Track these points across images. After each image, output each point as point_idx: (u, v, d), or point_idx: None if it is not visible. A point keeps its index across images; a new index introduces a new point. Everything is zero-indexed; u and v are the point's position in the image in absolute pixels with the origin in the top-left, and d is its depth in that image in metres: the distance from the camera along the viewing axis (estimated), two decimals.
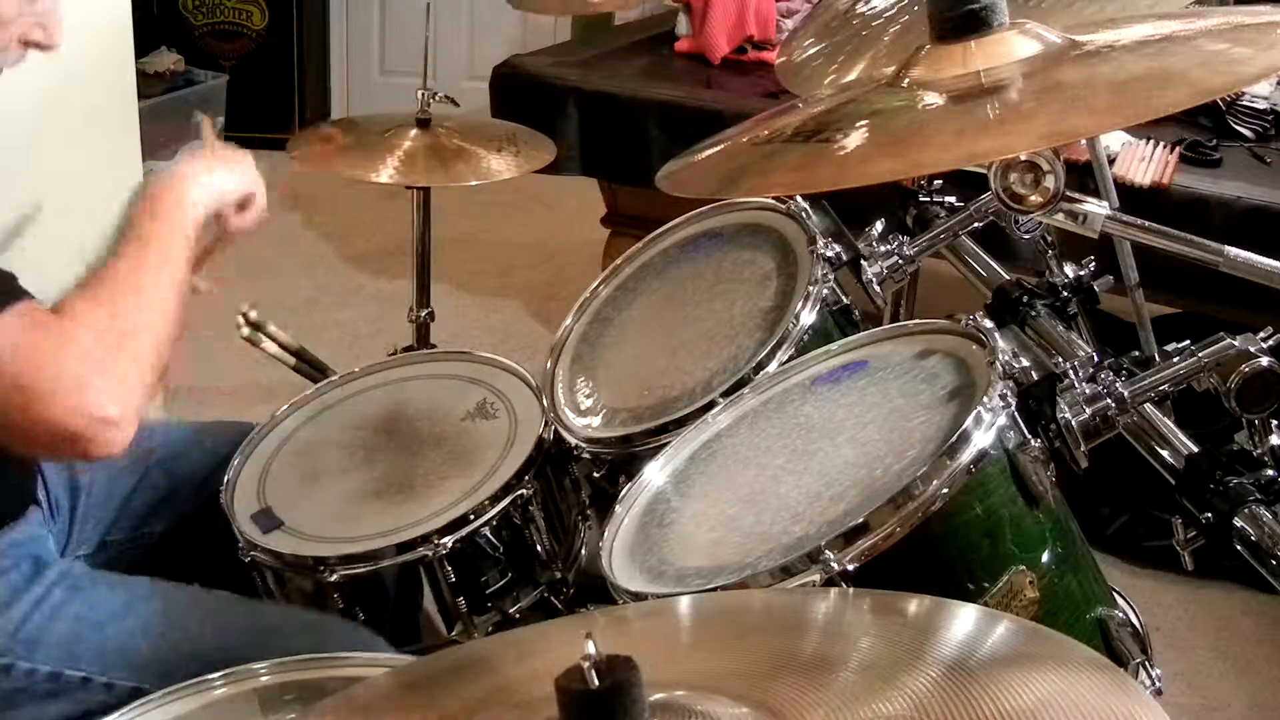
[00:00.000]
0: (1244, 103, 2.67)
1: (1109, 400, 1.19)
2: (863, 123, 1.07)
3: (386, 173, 2.25)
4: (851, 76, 1.47)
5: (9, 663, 1.30)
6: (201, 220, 1.35)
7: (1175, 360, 1.20)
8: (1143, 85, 0.97)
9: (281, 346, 1.82)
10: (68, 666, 1.30)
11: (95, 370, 1.12)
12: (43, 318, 1.13)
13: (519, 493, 1.52)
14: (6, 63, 1.28)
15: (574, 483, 1.63)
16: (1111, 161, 2.36)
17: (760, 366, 1.43)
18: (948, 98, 1.03)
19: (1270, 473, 1.13)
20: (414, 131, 2.32)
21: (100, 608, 1.35)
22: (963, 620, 0.85)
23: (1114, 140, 2.45)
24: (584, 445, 1.52)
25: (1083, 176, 2.12)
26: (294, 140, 2.43)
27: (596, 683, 0.67)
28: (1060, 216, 1.38)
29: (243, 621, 1.39)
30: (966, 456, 1.10)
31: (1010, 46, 1.03)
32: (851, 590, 1.06)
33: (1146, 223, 1.41)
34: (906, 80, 1.08)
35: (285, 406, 1.73)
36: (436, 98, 2.36)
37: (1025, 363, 1.22)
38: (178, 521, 1.59)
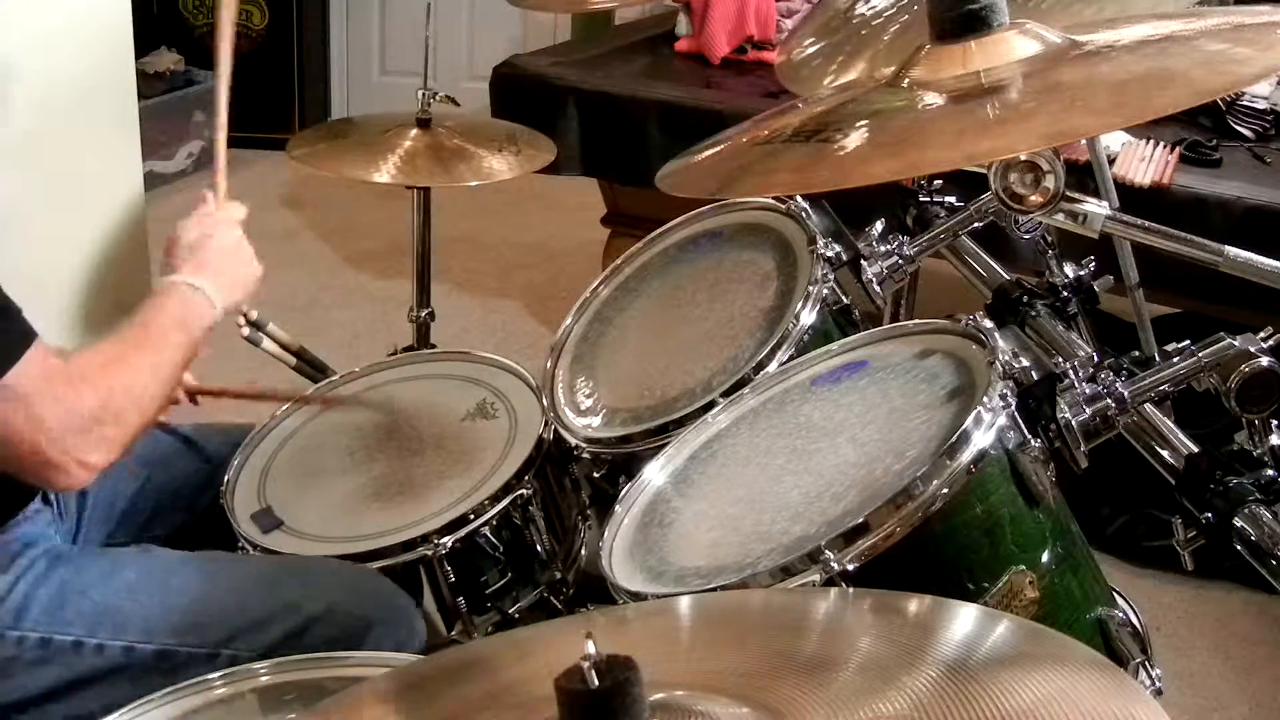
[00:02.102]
0: (1244, 103, 2.67)
1: (1109, 400, 1.19)
2: (863, 123, 1.07)
3: (387, 172, 2.25)
4: (851, 76, 1.47)
5: None
6: (209, 329, 1.44)
7: (1175, 360, 1.20)
8: (1143, 85, 0.97)
9: (281, 346, 1.81)
10: (56, 631, 1.31)
11: (96, 422, 1.26)
12: (57, 366, 1.25)
13: (519, 493, 1.52)
14: None
15: (574, 483, 1.63)
16: (1111, 161, 2.36)
17: (760, 366, 1.43)
18: (948, 98, 1.02)
19: (1270, 473, 1.13)
20: (414, 131, 2.32)
21: (85, 572, 1.36)
22: (963, 620, 0.85)
23: (1114, 140, 2.45)
24: (584, 445, 1.52)
25: (1083, 176, 2.12)
26: (294, 140, 2.43)
27: (596, 683, 0.67)
28: (1060, 216, 1.38)
29: (228, 572, 1.40)
30: (966, 456, 1.10)
31: (1010, 46, 1.03)
32: (851, 590, 1.06)
33: (1146, 223, 1.41)
34: (906, 80, 1.08)
35: (285, 406, 1.73)
36: (437, 98, 2.36)
37: (1025, 363, 1.22)
38: (179, 521, 1.60)
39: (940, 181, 1.76)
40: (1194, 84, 0.93)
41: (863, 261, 1.60)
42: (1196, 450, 1.22)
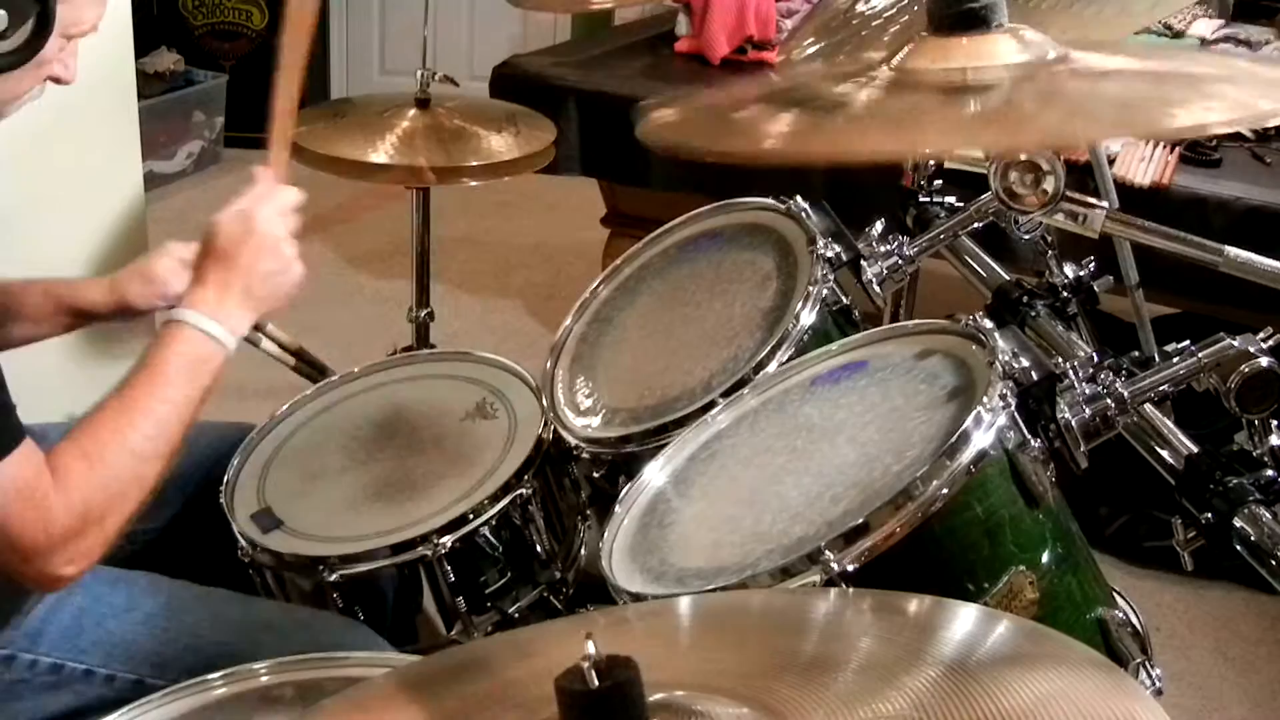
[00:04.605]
0: None
1: (1109, 400, 1.19)
2: (858, 100, 1.05)
3: (384, 152, 2.21)
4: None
5: (11, 654, 1.30)
6: (230, 349, 1.32)
7: (1175, 360, 1.20)
8: (1146, 105, 0.96)
9: (281, 346, 1.81)
10: (70, 659, 1.31)
11: (68, 541, 1.18)
12: (33, 479, 1.16)
13: (518, 492, 1.52)
14: (32, 97, 1.30)
15: (574, 483, 1.63)
16: (1111, 161, 2.36)
17: (760, 366, 1.43)
18: (933, 89, 1.02)
19: (1270, 473, 1.13)
20: (413, 111, 2.29)
21: (103, 601, 1.35)
22: (963, 620, 0.85)
23: (1114, 140, 2.45)
24: (583, 445, 1.52)
25: (1083, 176, 2.12)
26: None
27: (596, 683, 0.67)
28: (1060, 216, 1.38)
29: (243, 618, 1.40)
30: (966, 457, 1.09)
31: (1001, 49, 1.03)
32: (851, 590, 1.06)
33: (1146, 223, 1.41)
34: (894, 66, 1.06)
35: (285, 406, 1.73)
36: (436, 77, 2.33)
37: (1025, 363, 1.22)
38: (176, 519, 1.59)
39: (940, 181, 1.76)
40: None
41: (863, 261, 1.60)
42: (1196, 450, 1.22)
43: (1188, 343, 1.21)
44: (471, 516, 1.49)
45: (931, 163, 1.75)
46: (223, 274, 1.33)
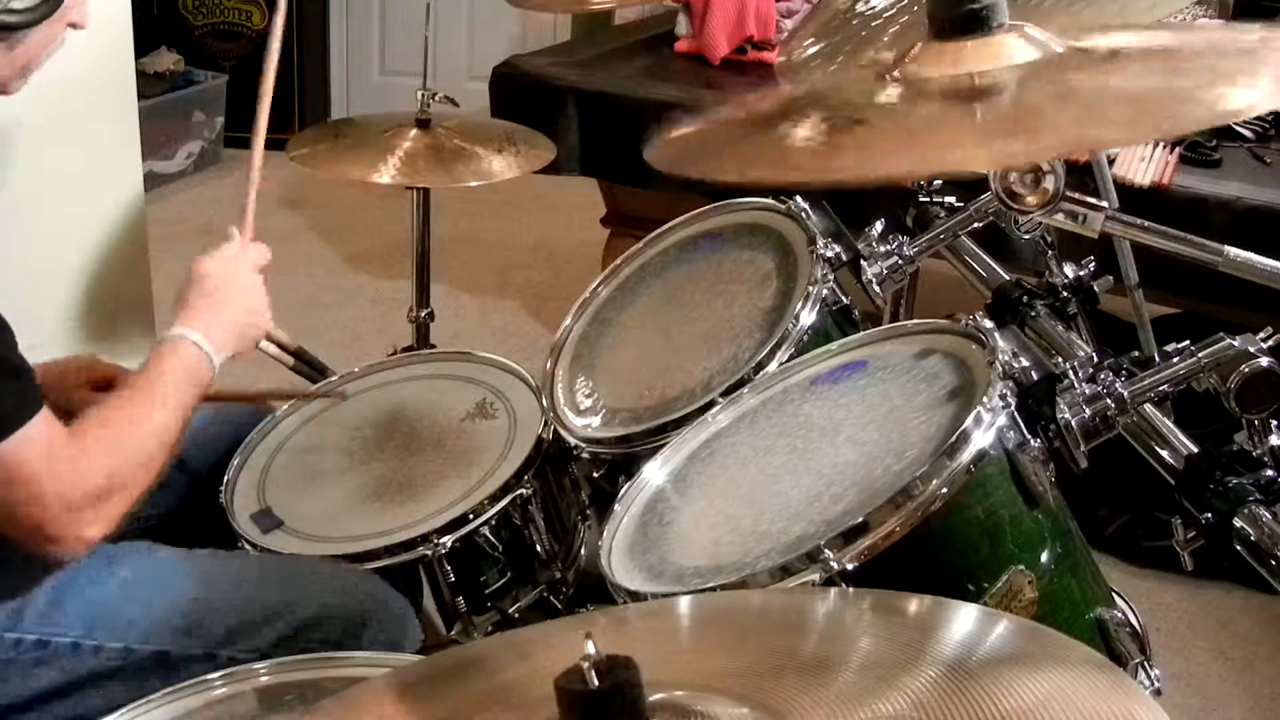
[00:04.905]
0: None
1: (1109, 400, 1.19)
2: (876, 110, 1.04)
3: (387, 173, 2.25)
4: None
5: None
6: (216, 369, 1.43)
7: (1175, 360, 1.20)
8: (1156, 101, 0.95)
9: (281, 346, 1.81)
10: (54, 633, 1.31)
11: (97, 501, 1.25)
12: (60, 439, 1.23)
13: (518, 492, 1.52)
14: (55, 49, 1.36)
15: (574, 482, 1.63)
16: (1111, 161, 2.36)
17: (760, 366, 1.43)
18: (939, 96, 1.01)
19: (1270, 473, 1.13)
20: (414, 132, 2.32)
21: (81, 572, 1.35)
22: (963, 620, 0.85)
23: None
24: (583, 445, 1.52)
25: (1083, 176, 2.12)
26: (294, 141, 2.42)
27: (596, 683, 0.67)
28: (1060, 216, 1.38)
29: (223, 573, 1.40)
30: (966, 456, 1.10)
31: (1007, 50, 1.02)
32: (851, 590, 1.06)
33: (1146, 223, 1.41)
34: (899, 74, 1.06)
35: (285, 406, 1.74)
36: (436, 98, 2.35)
37: (1025, 363, 1.22)
38: (176, 518, 1.59)
39: (940, 181, 1.76)
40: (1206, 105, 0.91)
41: (863, 261, 1.60)
42: (1196, 450, 1.22)
43: (1188, 343, 1.21)
44: (471, 516, 1.49)
45: None
46: (212, 309, 1.43)
